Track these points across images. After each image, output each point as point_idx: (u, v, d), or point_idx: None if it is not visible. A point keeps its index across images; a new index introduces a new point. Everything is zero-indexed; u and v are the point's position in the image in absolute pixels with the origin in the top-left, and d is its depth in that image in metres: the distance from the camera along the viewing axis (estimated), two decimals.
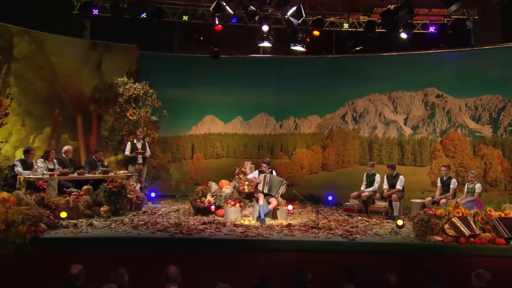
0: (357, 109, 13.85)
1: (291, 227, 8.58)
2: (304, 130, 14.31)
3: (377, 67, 13.39)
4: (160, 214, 9.99)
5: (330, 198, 12.56)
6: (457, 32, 12.29)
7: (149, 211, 10.45)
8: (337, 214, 10.89)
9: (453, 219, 7.88)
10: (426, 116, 13.05)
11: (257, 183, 9.63)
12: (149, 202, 11.73)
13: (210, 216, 9.68)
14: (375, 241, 7.71)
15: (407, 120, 13.30)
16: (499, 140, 11.94)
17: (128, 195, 10.01)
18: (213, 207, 9.66)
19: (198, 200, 10.21)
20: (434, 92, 12.97)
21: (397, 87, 13.37)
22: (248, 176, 9.95)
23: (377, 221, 9.87)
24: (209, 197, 10.25)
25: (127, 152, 11.82)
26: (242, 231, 8.06)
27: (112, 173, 10.67)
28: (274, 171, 10.04)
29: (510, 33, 12.06)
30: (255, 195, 9.56)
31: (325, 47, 13.72)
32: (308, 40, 12.05)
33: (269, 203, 9.38)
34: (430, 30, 12.65)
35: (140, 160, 11.84)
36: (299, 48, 12.17)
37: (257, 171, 9.88)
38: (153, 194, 12.40)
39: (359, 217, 10.37)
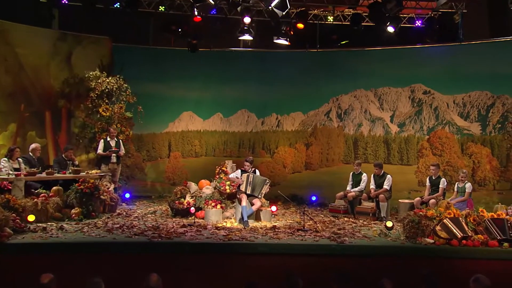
0: (342, 106, 13.79)
1: (276, 230, 8.44)
2: (287, 127, 14.20)
3: (363, 62, 13.33)
4: (136, 217, 9.74)
5: (314, 198, 12.53)
6: (445, 27, 12.28)
7: (124, 213, 10.22)
8: (322, 215, 10.80)
9: (444, 220, 7.83)
10: (413, 113, 13.07)
11: (240, 183, 9.45)
12: (123, 204, 11.49)
13: (190, 218, 9.47)
14: (365, 243, 7.62)
15: (393, 117, 13.29)
16: (487, 138, 12.02)
17: (101, 196, 9.75)
18: (192, 208, 9.43)
19: (177, 201, 9.99)
20: (421, 88, 13.00)
21: (383, 83, 13.35)
22: (230, 176, 9.77)
23: (365, 223, 9.81)
24: (188, 198, 10.05)
25: (99, 151, 11.52)
26: (225, 234, 7.89)
27: (84, 173, 10.37)
28: (257, 171, 9.86)
29: (499, 28, 12.12)
30: (238, 196, 9.39)
31: (308, 40, 13.61)
32: (292, 33, 11.91)
33: (252, 204, 9.23)
34: (416, 24, 12.63)
35: (114, 159, 11.57)
36: (282, 41, 12.02)
37: (239, 170, 9.71)
38: (127, 195, 12.15)
39: (346, 218, 10.32)
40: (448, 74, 12.49)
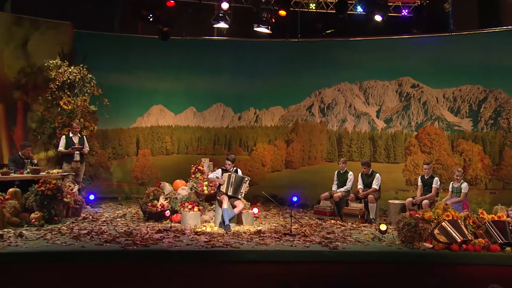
0: (325, 100, 13.64)
1: (261, 234, 8.17)
2: (266, 122, 14.01)
3: (347, 53, 13.19)
4: (104, 221, 9.38)
5: (295, 199, 12.37)
6: (435, 16, 12.25)
7: (90, 217, 9.84)
8: (306, 218, 10.59)
9: (443, 223, 7.71)
10: (400, 108, 13.01)
11: (220, 184, 9.14)
12: (87, 206, 11.05)
13: (165, 222, 9.15)
14: (359, 249, 7.45)
15: (379, 112, 13.22)
16: (479, 135, 12.03)
17: (65, 199, 9.39)
18: (167, 212, 9.10)
19: (149, 204, 9.61)
20: (409, 81, 12.95)
21: (369, 75, 13.25)
22: (209, 176, 9.45)
23: (354, 225, 9.67)
24: (162, 200, 9.70)
25: (61, 148, 11.09)
26: (206, 240, 7.59)
27: (44, 173, 9.89)
28: (239, 170, 9.57)
29: (492, 18, 12.13)
30: (218, 198, 9.09)
31: (289, 29, 13.40)
32: (273, 20, 11.66)
33: (234, 206, 8.96)
34: (403, 13, 12.53)
35: (77, 157, 11.18)
36: (263, 29, 11.80)
37: (219, 169, 9.39)
38: (91, 197, 11.75)
39: (332, 221, 10.17)
40: (438, 67, 12.44)
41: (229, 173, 9.19)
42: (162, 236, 7.74)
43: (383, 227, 8.29)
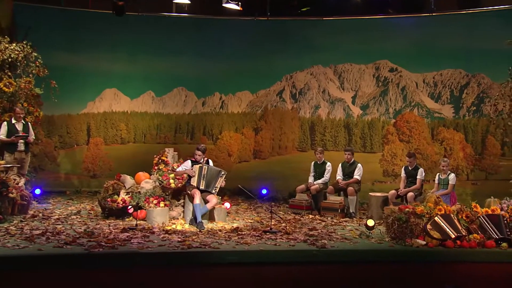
0: (297, 85, 13.52)
1: (240, 233, 7.88)
2: (233, 109, 13.84)
3: (321, 34, 13.04)
4: (58, 219, 8.91)
5: (264, 191, 12.13)
6: None
7: (40, 214, 9.40)
8: (281, 212, 10.38)
9: (436, 218, 7.64)
10: (377, 94, 13.02)
11: (190, 177, 8.77)
12: (34, 202, 10.47)
13: (127, 219, 8.74)
14: (348, 247, 7.30)
15: (355, 98, 13.19)
16: (461, 122, 12.13)
17: (10, 194, 8.84)
18: (130, 207, 8.65)
19: (109, 199, 9.14)
20: (387, 65, 12.98)
21: (344, 58, 13.22)
22: (178, 169, 9.09)
23: (334, 220, 9.55)
24: (123, 195, 9.28)
25: (2, 136, 10.45)
26: (180, 239, 7.24)
27: None
28: (211, 161, 9.21)
29: None
30: (188, 192, 8.74)
31: (258, 7, 13.11)
32: None
33: (206, 201, 8.64)
34: None
35: (21, 147, 10.59)
36: (233, 5, 11.51)
37: (188, 161, 9.04)
38: (38, 191, 11.22)
39: (310, 216, 10.02)
40: (418, 50, 12.44)
41: (200, 164, 8.82)
42: (129, 236, 7.34)
43: (370, 222, 8.16)
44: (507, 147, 11.53)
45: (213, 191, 8.81)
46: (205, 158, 9.13)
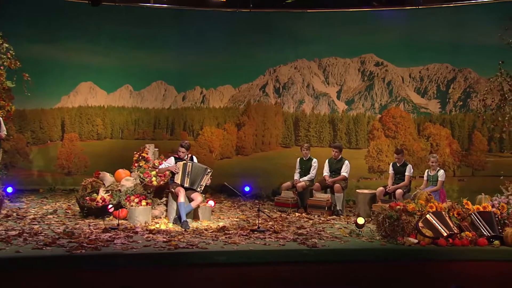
0: (280, 79, 13.48)
1: (226, 232, 7.78)
2: (214, 103, 13.74)
3: (305, 27, 13.00)
4: (34, 219, 8.68)
5: (247, 189, 12.04)
6: None
7: (14, 214, 9.13)
8: (266, 210, 10.31)
9: (427, 215, 7.64)
10: (363, 89, 13.03)
11: (173, 174, 8.63)
12: (6, 201, 10.21)
13: (108, 218, 8.58)
14: (340, 247, 7.25)
15: (340, 93, 13.18)
16: (447, 118, 12.20)
17: None
18: (111, 206, 8.48)
19: (88, 198, 8.95)
20: (372, 59, 13.00)
21: (329, 52, 13.19)
22: (160, 166, 8.97)
23: (322, 218, 9.51)
24: (102, 193, 9.09)
25: None
26: (165, 239, 7.10)
27: None
28: (195, 158, 9.09)
29: None
30: (172, 190, 8.60)
31: None
32: None
33: (191, 199, 8.54)
34: None
35: None
36: None
37: (171, 158, 8.93)
38: (9, 189, 10.91)
39: (297, 214, 9.99)
40: (404, 44, 12.47)
41: (184, 161, 8.69)
42: (111, 237, 7.17)
43: (360, 220, 8.15)
44: (494, 143, 11.63)
45: (198, 189, 8.70)
46: (189, 155, 9.00)
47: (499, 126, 9.02)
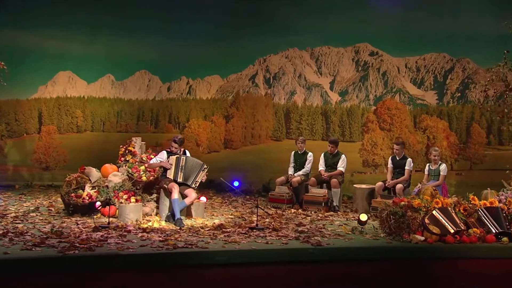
0: (271, 69, 13.45)
1: (224, 230, 7.63)
2: (201, 94, 13.70)
3: (297, 15, 12.97)
4: (16, 217, 8.40)
5: (236, 184, 11.91)
6: None
7: None
8: (260, 207, 10.16)
9: (434, 212, 7.56)
10: (357, 79, 13.05)
11: (166, 169, 8.45)
12: None
13: (95, 216, 8.36)
14: (345, 245, 7.14)
15: (333, 83, 13.19)
16: (445, 109, 12.23)
17: None
18: (98, 203, 8.27)
19: (73, 194, 8.70)
20: (367, 48, 13.05)
21: (322, 41, 13.23)
22: (151, 161, 8.75)
23: (320, 215, 9.43)
24: (88, 189, 8.84)
25: None
26: (161, 239, 6.90)
27: None
28: (188, 152, 8.92)
29: None
30: (164, 186, 8.41)
31: None
32: None
33: (184, 196, 8.37)
34: None
35: None
36: None
37: (163, 152, 8.73)
38: None
39: (292, 210, 9.92)
40: (400, 32, 12.46)
41: (177, 155, 8.51)
42: (103, 236, 6.95)
43: (363, 217, 8.03)
44: (493, 135, 11.68)
45: (193, 186, 8.52)
46: (182, 149, 8.83)
47: (506, 118, 9.01)
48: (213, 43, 13.22)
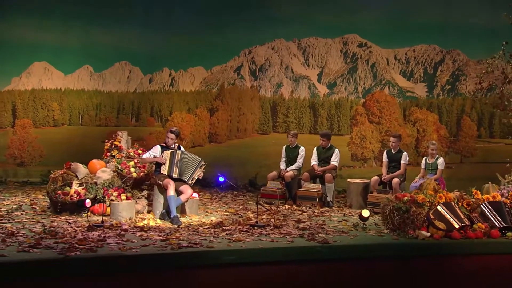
0: (257, 60, 13.41)
1: (225, 227, 7.52)
2: (184, 87, 13.60)
3: (284, 4, 12.93)
4: (1, 216, 8.08)
5: (221, 179, 11.78)
6: None
7: None
8: (251, 202, 10.13)
9: (438, 207, 7.57)
10: (345, 71, 13.07)
11: (161, 164, 8.28)
12: None
13: (84, 215, 8.18)
14: (352, 242, 7.08)
15: (321, 75, 13.19)
16: (435, 102, 12.33)
17: None
18: (88, 201, 8.03)
19: (60, 192, 8.45)
20: (356, 40, 13.10)
21: (309, 32, 13.22)
22: (144, 156, 8.58)
23: (315, 211, 9.39)
24: (75, 186, 8.60)
25: None
26: (162, 238, 6.74)
27: None
28: (182, 147, 8.78)
29: None
30: (158, 182, 8.26)
31: None
32: None
33: (179, 192, 8.22)
34: None
35: None
36: None
37: (157, 146, 8.55)
38: None
39: (286, 206, 9.87)
40: (389, 23, 12.48)
41: (172, 150, 8.34)
42: (101, 236, 6.74)
43: (365, 213, 8.02)
44: (484, 128, 11.81)
45: (190, 182, 8.37)
46: (177, 144, 8.66)
47: (506, 111, 9.06)
48: (197, 33, 13.08)
